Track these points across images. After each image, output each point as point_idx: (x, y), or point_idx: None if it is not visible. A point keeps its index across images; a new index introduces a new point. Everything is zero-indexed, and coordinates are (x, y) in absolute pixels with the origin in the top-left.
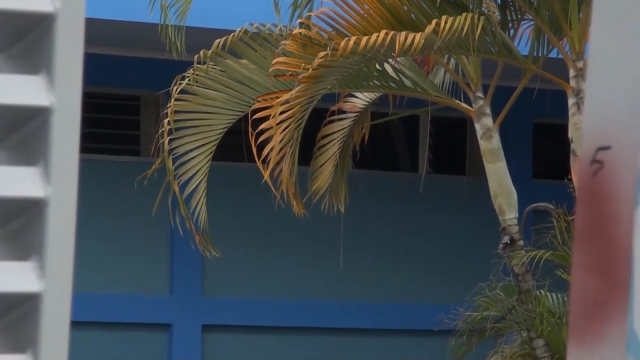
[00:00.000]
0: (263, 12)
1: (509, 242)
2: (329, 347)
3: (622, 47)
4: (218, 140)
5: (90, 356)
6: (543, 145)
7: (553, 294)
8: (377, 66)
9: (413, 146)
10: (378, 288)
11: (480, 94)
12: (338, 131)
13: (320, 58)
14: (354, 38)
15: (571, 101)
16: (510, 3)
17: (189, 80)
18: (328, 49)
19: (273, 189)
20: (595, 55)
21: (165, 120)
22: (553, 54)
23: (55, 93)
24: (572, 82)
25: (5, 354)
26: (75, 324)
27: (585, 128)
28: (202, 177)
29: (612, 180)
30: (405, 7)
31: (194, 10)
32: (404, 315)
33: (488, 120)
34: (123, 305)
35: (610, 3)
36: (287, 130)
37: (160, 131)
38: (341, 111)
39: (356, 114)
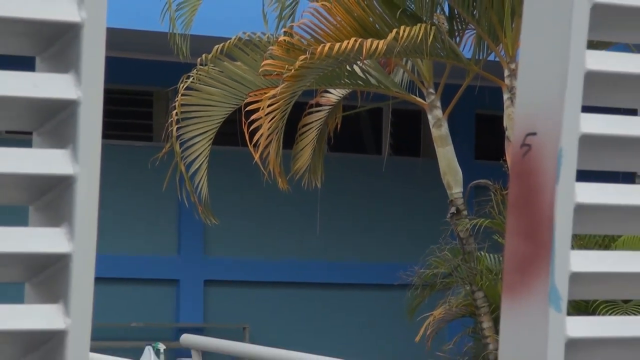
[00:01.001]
0: (254, 22)
1: (455, 212)
2: (310, 299)
3: (545, 52)
4: (217, 128)
5: (112, 306)
6: (483, 132)
7: (491, 255)
8: (348, 67)
9: (377, 133)
10: (349, 249)
11: (432, 90)
12: (315, 121)
13: (301, 61)
14: (328, 44)
15: (506, 96)
16: (456, 15)
17: (193, 78)
18: (307, 53)
19: (262, 168)
20: (524, 58)
21: (174, 112)
22: (491, 57)
23: (82, 89)
24: (507, 81)
25: (41, 304)
26: (98, 280)
27: (517, 118)
28: (204, 158)
29: (538, 160)
30: (370, 19)
31: (197, 20)
32: (371, 272)
33: (438, 112)
34: (138, 264)
35: (537, 17)
36: (273, 120)
37: (169, 121)
38: (318, 104)
39: (330, 106)
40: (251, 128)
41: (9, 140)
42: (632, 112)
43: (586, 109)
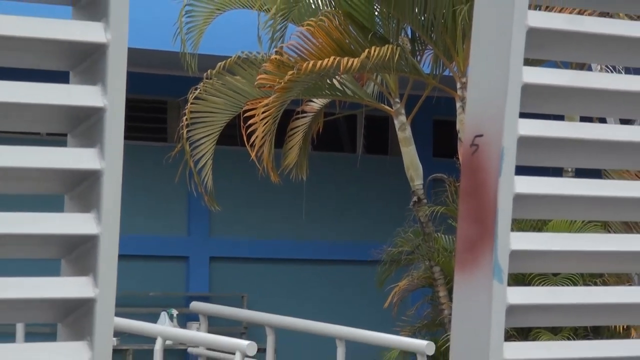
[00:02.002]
0: (250, 43)
1: (416, 200)
2: (298, 272)
3: (490, 69)
4: (220, 131)
5: (133, 278)
6: (440, 134)
7: (446, 236)
8: (328, 81)
9: (352, 135)
10: (329, 231)
11: (397, 100)
12: (301, 125)
13: (289, 75)
14: (312, 61)
15: (458, 104)
16: (417, 38)
17: (200, 90)
18: (294, 69)
19: (257, 164)
20: (473, 74)
21: (184, 117)
22: (446, 73)
23: (107, 98)
24: (459, 92)
25: (74, 276)
26: (121, 256)
27: (467, 122)
28: (209, 156)
29: (484, 158)
30: (347, 40)
31: (203, 41)
32: (347, 250)
33: (403, 118)
34: (155, 243)
35: (482, 39)
36: (266, 124)
37: (180, 125)
38: (303, 111)
39: (313, 113)
40: (248, 131)
41: (49, 141)
42: (560, 117)
43: (523, 115)
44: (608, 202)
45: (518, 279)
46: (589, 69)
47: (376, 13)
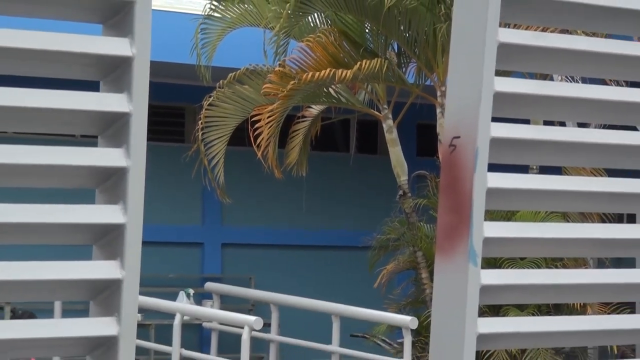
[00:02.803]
0: (257, 57)
1: (402, 194)
2: (299, 257)
3: (465, 79)
4: (230, 133)
5: (154, 262)
6: (422, 136)
7: (427, 225)
8: (325, 89)
9: (346, 137)
10: (326, 221)
11: (385, 106)
12: (301, 128)
13: (291, 85)
14: (310, 73)
15: (438, 110)
16: (403, 52)
17: (213, 97)
18: (295, 79)
19: (263, 162)
20: (451, 83)
21: (199, 121)
22: (428, 82)
23: (132, 104)
24: (439, 99)
25: (103, 260)
26: (144, 243)
27: (446, 126)
28: (221, 155)
29: (461, 156)
30: (341, 54)
31: (216, 55)
32: (342, 237)
33: (390, 122)
34: (174, 231)
35: (459, 53)
36: (271, 127)
37: (196, 128)
38: (303, 116)
39: (312, 118)
40: (255, 133)
41: (82, 142)
42: (527, 121)
43: (495, 119)
44: (567, 196)
45: (490, 263)
46: (551, 79)
47: (367, 30)
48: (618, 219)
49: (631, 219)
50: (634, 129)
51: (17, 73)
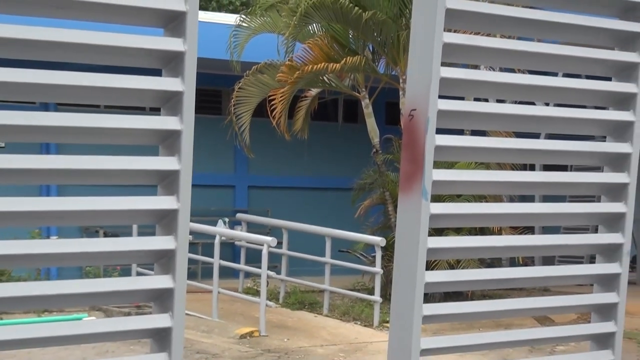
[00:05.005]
0: (273, 54)
1: (375, 151)
2: (302, 195)
3: (419, 69)
4: (254, 108)
5: (200, 199)
6: (390, 111)
7: (393, 173)
8: (321, 77)
9: (335, 111)
10: (322, 169)
11: (363, 89)
12: (304, 104)
13: (296, 74)
14: (310, 65)
15: (400, 92)
16: (376, 51)
17: (242, 83)
18: (300, 70)
19: (277, 129)
20: (409, 72)
21: (232, 100)
22: (394, 73)
23: (185, 86)
24: (401, 84)
25: (164, 196)
26: (194, 186)
27: (406, 102)
28: (247, 124)
29: (417, 123)
30: (332, 53)
31: (244, 53)
32: (333, 181)
33: (367, 100)
34: (214, 177)
35: (415, 51)
36: (282, 104)
37: (230, 104)
38: (305, 96)
39: (311, 97)
40: (271, 108)
41: (150, 113)
42: (461, 98)
43: (441, 97)
44: (489, 151)
45: (436, 198)
46: (478, 68)
47: (350, 36)
48: (522, 167)
49: (532, 167)
50: (532, 103)
51: (108, 63)
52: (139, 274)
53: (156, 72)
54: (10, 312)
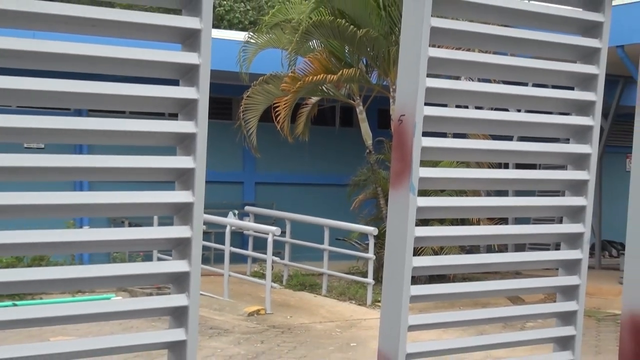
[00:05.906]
0: (277, 67)
1: (369, 152)
2: (304, 191)
3: (408, 79)
4: (260, 114)
5: (213, 194)
6: (381, 117)
7: (384, 171)
8: (320, 87)
9: (333, 116)
10: (321, 167)
11: (358, 98)
12: (305, 111)
13: (298, 84)
14: (311, 77)
15: (391, 101)
16: (369, 64)
17: (250, 92)
18: (301, 81)
19: (281, 132)
20: (399, 82)
21: (241, 106)
22: (385, 83)
23: (199, 94)
24: (392, 93)
25: (181, 190)
26: (207, 182)
27: (395, 108)
28: (254, 128)
29: (405, 127)
30: (330, 66)
31: (252, 66)
32: (331, 178)
33: (361, 107)
34: (225, 175)
35: (403, 64)
36: (286, 110)
37: (239, 110)
38: (306, 103)
39: (312, 104)
40: (276, 114)
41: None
42: (445, 105)
43: (427, 104)
44: (469, 151)
45: (422, 193)
46: (459, 79)
47: (346, 51)
48: (497, 166)
49: (506, 166)
50: (506, 110)
51: (132, 74)
52: (159, 259)
53: (174, 82)
54: (49, 292)
